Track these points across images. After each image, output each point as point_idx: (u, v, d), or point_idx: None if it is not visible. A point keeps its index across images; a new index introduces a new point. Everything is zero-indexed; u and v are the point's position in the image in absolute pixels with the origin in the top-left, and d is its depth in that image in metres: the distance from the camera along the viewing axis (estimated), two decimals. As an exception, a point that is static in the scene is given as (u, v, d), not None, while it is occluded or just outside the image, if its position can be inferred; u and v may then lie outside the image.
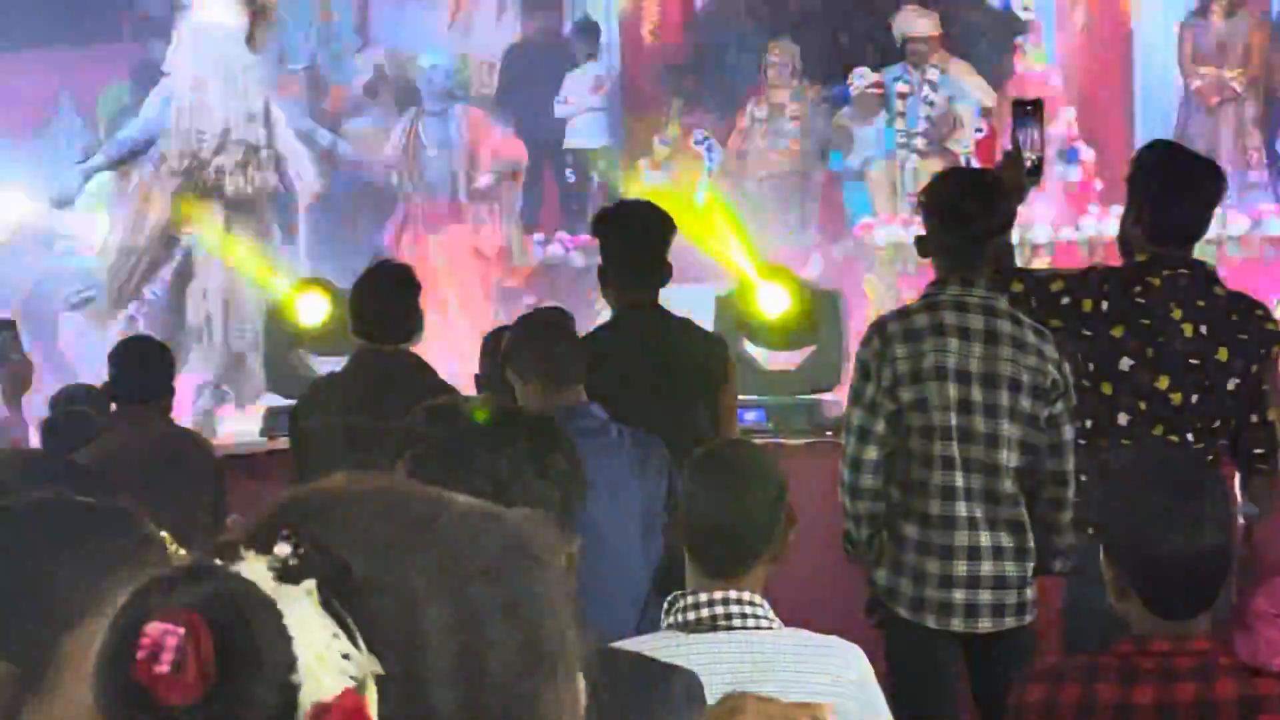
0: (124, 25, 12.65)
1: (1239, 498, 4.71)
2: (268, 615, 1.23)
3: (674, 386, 5.32)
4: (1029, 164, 4.92)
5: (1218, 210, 10.30)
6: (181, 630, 1.19)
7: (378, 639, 1.25)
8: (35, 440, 6.15)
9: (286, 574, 1.25)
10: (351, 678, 1.23)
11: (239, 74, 10.70)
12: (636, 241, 5.45)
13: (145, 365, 6.17)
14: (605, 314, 5.88)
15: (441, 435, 2.58)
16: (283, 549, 1.26)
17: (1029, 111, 5.10)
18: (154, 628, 1.19)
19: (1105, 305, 4.87)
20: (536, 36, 12.45)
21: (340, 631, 1.24)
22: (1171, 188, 4.91)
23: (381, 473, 1.44)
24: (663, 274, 5.47)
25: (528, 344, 4.92)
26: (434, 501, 1.34)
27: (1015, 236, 10.43)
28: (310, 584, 1.25)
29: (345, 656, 1.23)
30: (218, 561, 1.26)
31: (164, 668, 1.19)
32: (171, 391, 6.21)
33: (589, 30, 12.29)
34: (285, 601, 1.24)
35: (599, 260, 5.58)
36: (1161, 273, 4.86)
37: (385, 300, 5.74)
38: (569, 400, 4.74)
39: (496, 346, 5.97)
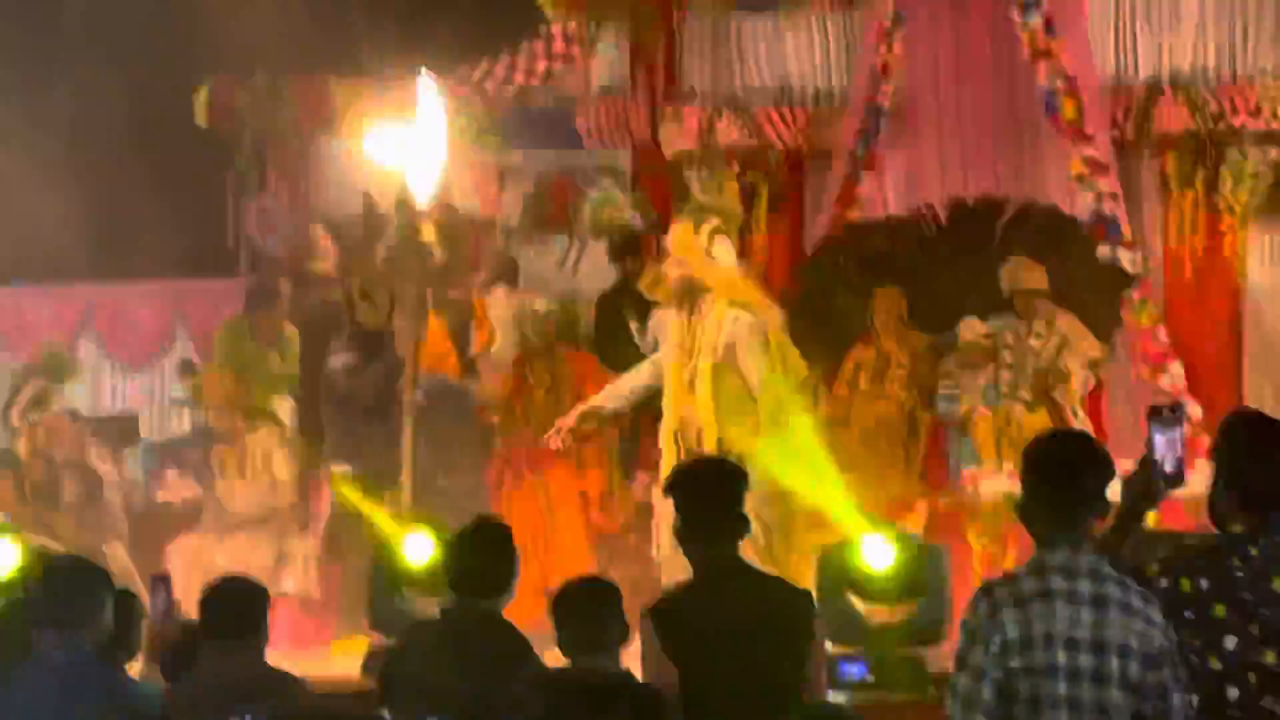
0: (240, 258, 12.86)
1: None
2: None
3: (759, 643, 5.24)
4: (1169, 469, 4.88)
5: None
6: None
7: None
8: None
9: None
10: None
11: None
12: (710, 500, 5.43)
13: (237, 604, 6.21)
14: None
15: (544, 706, 2.56)
16: None
17: (1167, 417, 5.05)
18: None
19: (1204, 583, 4.82)
20: (626, 281, 12.34)
21: None
22: (1256, 455, 4.88)
23: None
24: (741, 527, 5.45)
25: None
26: None
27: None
28: None
29: None
30: None
31: None
32: (264, 632, 6.22)
33: None
34: None
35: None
36: (1259, 541, 4.82)
37: (479, 558, 5.82)
38: None
39: None
